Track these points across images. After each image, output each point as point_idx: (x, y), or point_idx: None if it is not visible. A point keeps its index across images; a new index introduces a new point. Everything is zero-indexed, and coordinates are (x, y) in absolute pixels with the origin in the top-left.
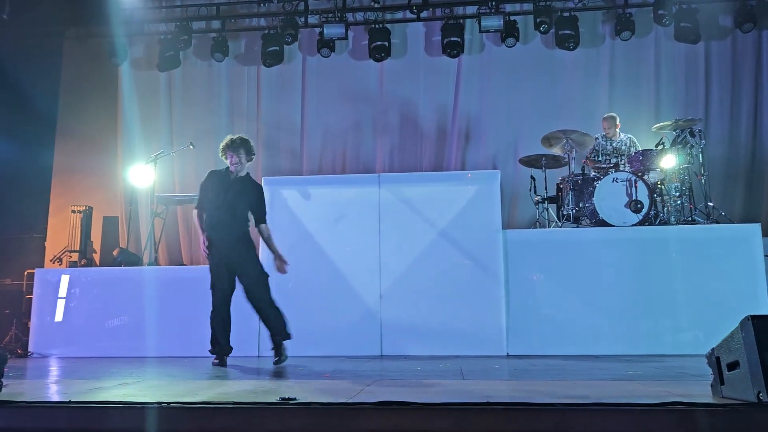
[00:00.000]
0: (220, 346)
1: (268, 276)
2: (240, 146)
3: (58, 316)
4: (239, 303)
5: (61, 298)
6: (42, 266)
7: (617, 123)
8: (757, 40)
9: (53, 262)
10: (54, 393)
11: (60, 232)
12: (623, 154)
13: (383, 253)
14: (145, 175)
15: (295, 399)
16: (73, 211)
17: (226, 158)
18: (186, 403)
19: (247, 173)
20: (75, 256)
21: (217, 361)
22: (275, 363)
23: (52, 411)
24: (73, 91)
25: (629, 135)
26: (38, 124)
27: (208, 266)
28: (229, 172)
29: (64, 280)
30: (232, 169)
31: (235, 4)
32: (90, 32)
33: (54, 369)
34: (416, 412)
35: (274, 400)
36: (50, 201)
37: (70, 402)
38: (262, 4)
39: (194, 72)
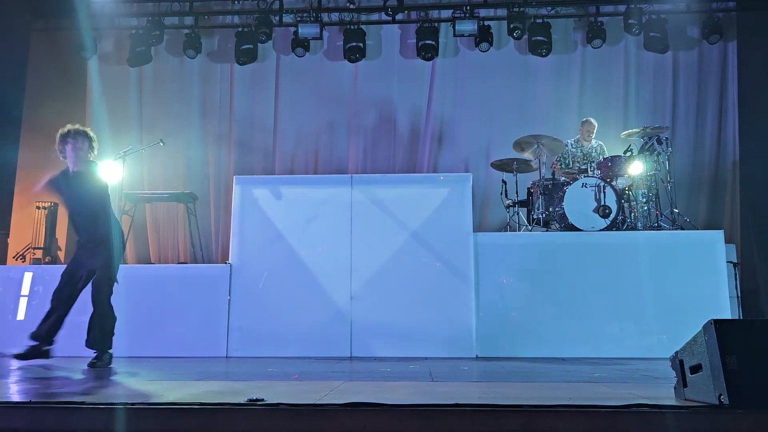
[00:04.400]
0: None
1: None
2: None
3: (21, 315)
4: (203, 302)
5: (24, 296)
6: (4, 263)
7: (594, 130)
8: (722, 51)
9: (16, 259)
10: (15, 393)
11: (24, 228)
12: (593, 161)
13: (354, 254)
14: (114, 172)
15: (263, 400)
16: (38, 207)
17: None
18: (151, 404)
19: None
20: (39, 253)
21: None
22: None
23: (12, 411)
24: (40, 84)
25: (600, 141)
26: (3, 118)
27: (172, 264)
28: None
29: (27, 277)
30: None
31: (208, 1)
32: (58, 25)
33: (15, 368)
34: (385, 413)
35: (242, 401)
36: (14, 196)
37: (31, 402)
38: (236, 2)
39: (166, 68)
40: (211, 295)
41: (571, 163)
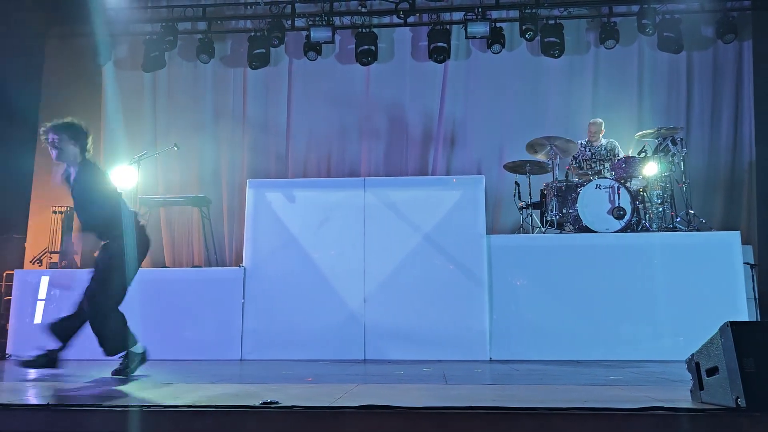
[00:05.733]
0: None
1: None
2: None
3: (37, 318)
4: (217, 305)
5: (41, 299)
6: (21, 267)
7: (602, 129)
8: (738, 51)
9: (33, 263)
10: (32, 395)
11: (40, 232)
12: (602, 159)
13: (367, 256)
14: (129, 177)
15: (277, 403)
16: (54, 212)
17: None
18: (167, 406)
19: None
20: (55, 258)
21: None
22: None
23: (30, 413)
24: (55, 90)
25: (611, 140)
26: (19, 124)
27: (186, 268)
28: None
29: (44, 281)
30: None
31: (221, 6)
32: (73, 31)
33: (32, 371)
34: (399, 415)
35: (256, 404)
36: (31, 201)
37: (48, 405)
38: (248, 7)
39: (179, 73)
40: (225, 299)
41: (582, 164)
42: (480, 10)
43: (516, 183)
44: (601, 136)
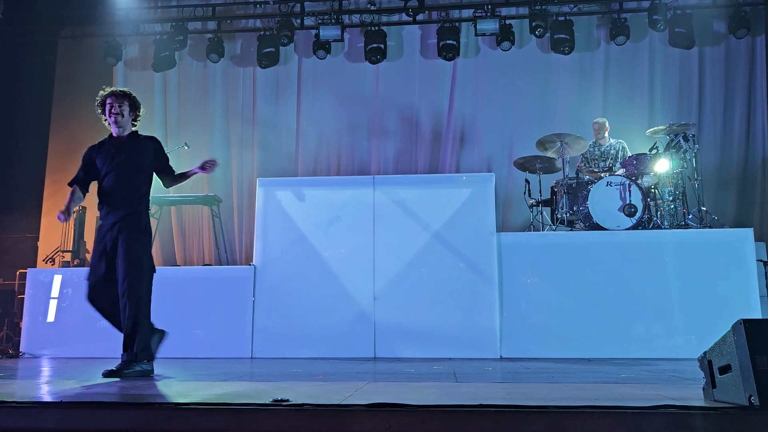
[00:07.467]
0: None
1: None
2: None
3: (50, 317)
4: (228, 303)
5: (54, 298)
6: (34, 266)
7: (606, 127)
8: (750, 46)
9: (46, 262)
10: (45, 393)
11: (53, 232)
12: (611, 158)
13: (377, 254)
14: None
15: (287, 400)
16: None
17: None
18: (177, 404)
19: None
20: (68, 257)
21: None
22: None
23: (43, 411)
24: (67, 90)
25: (619, 140)
26: (32, 123)
27: (197, 266)
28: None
29: (57, 280)
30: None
31: (230, 5)
32: (85, 32)
33: (45, 369)
34: (409, 413)
35: (267, 401)
36: (43, 200)
37: (61, 402)
38: (257, 6)
39: (189, 73)
40: (235, 297)
41: (591, 162)
42: (489, 7)
43: (526, 180)
44: (606, 134)
